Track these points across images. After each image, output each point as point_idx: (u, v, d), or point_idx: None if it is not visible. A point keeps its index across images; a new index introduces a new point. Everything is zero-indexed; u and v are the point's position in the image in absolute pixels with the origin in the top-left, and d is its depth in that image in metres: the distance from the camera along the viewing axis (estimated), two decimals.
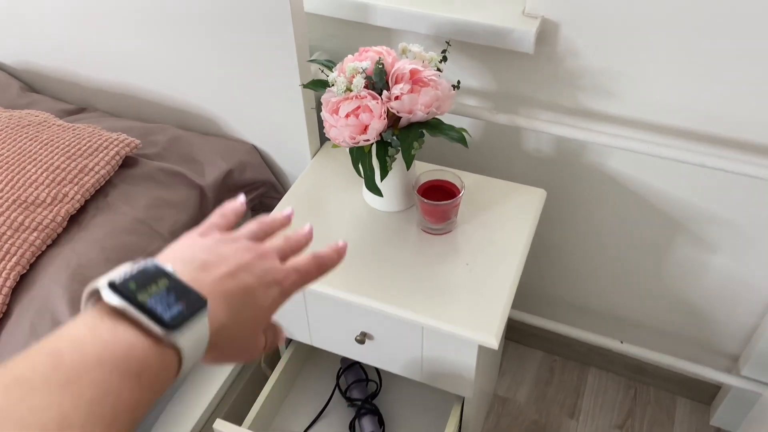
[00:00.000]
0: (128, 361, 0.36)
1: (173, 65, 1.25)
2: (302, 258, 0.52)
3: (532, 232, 1.09)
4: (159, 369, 0.37)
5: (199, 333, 0.39)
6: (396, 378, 1.30)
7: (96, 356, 0.35)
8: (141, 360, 0.36)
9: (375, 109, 0.94)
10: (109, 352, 0.35)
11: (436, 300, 0.98)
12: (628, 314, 1.47)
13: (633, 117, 1.15)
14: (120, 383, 0.34)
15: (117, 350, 0.36)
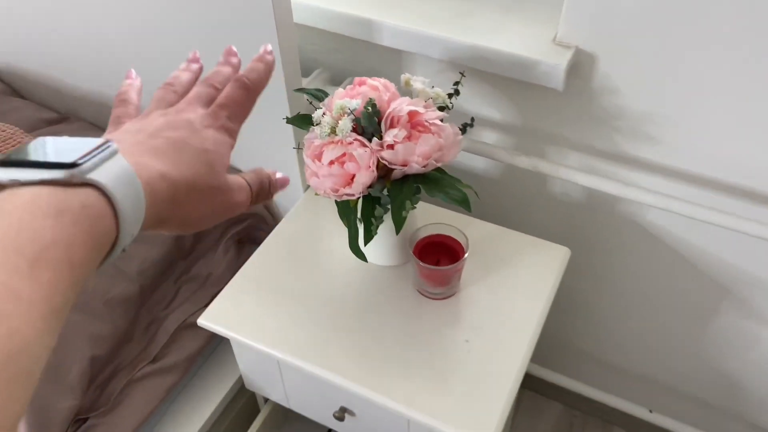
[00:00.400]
0: (37, 205, 0.31)
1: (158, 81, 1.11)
2: (226, 89, 0.48)
3: (548, 304, 0.92)
4: (81, 208, 0.32)
5: (116, 168, 0.34)
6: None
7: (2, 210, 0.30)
8: (52, 203, 0.31)
9: (362, 159, 0.79)
10: (16, 205, 0.31)
11: (426, 386, 0.83)
12: (660, 378, 1.29)
13: (678, 168, 0.96)
14: (33, 222, 0.30)
15: (23, 202, 0.31)
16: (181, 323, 1.06)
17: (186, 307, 1.08)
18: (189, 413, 1.07)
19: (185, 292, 1.10)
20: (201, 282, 1.11)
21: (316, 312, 0.91)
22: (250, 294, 0.93)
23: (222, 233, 1.15)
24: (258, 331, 0.89)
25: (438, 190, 0.80)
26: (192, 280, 1.11)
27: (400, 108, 0.80)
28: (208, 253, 1.13)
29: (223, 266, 1.13)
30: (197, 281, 1.11)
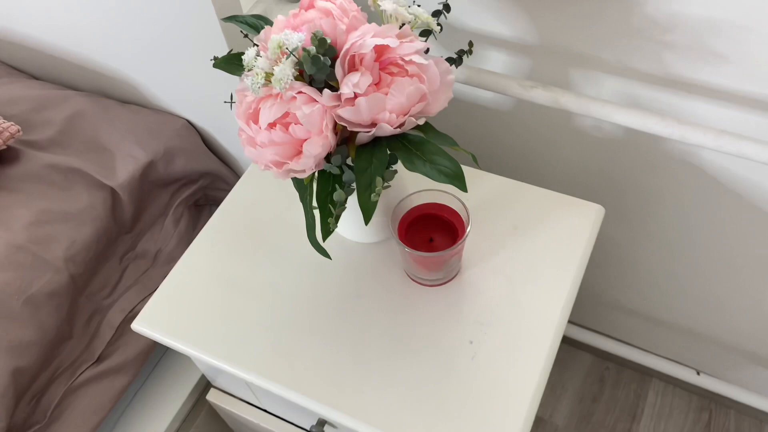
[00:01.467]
0: None
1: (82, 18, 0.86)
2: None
3: (576, 285, 0.71)
4: None
5: None
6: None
7: None
8: None
9: (310, 120, 0.56)
10: None
11: (418, 408, 0.64)
12: (711, 334, 1.09)
13: (749, 92, 0.71)
14: None
15: None
16: (127, 314, 0.88)
17: (133, 293, 0.89)
18: (146, 421, 0.91)
19: (131, 274, 0.91)
20: (151, 259, 0.92)
21: (282, 310, 0.71)
22: (199, 286, 0.74)
23: (170, 199, 0.93)
24: (207, 340, 0.70)
25: (420, 160, 0.57)
26: (140, 258, 0.92)
27: (362, 42, 0.56)
28: (155, 225, 0.93)
29: (175, 239, 0.93)
30: (146, 259, 0.92)
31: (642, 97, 0.78)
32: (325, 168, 0.58)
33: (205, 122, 0.93)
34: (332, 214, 0.56)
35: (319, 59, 0.55)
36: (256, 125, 0.59)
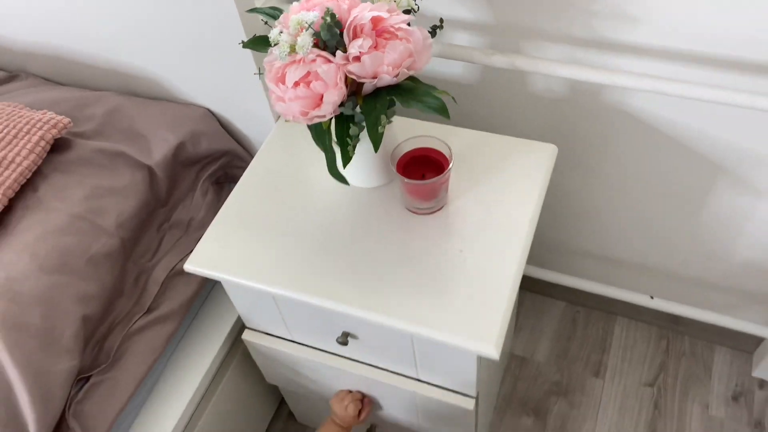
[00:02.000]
0: None
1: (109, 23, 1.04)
2: None
3: (540, 202, 0.89)
4: None
5: None
6: None
7: None
8: None
9: (328, 75, 0.74)
10: None
11: (425, 301, 0.81)
12: (658, 264, 1.29)
13: (663, 46, 0.92)
14: None
15: None
16: (169, 271, 1.03)
17: (172, 255, 1.05)
18: (193, 359, 1.07)
19: (169, 240, 1.07)
20: (183, 228, 1.08)
21: (306, 242, 0.88)
22: (234, 233, 0.90)
23: (197, 175, 1.10)
24: (248, 270, 0.87)
25: (413, 100, 0.75)
26: (174, 227, 1.08)
27: (362, 15, 0.74)
28: (186, 198, 1.09)
29: (204, 209, 1.09)
30: (180, 228, 1.08)
31: (579, 58, 0.98)
32: (342, 111, 0.76)
33: (222, 109, 1.10)
34: (350, 145, 0.74)
35: (333, 27, 0.73)
36: (283, 85, 0.76)
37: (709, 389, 1.35)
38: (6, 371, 0.86)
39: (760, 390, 1.34)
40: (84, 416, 0.92)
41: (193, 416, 1.06)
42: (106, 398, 0.95)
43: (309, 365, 1.03)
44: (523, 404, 1.37)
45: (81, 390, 0.94)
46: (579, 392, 1.37)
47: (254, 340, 1.03)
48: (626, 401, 1.35)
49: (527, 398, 1.37)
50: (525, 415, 1.35)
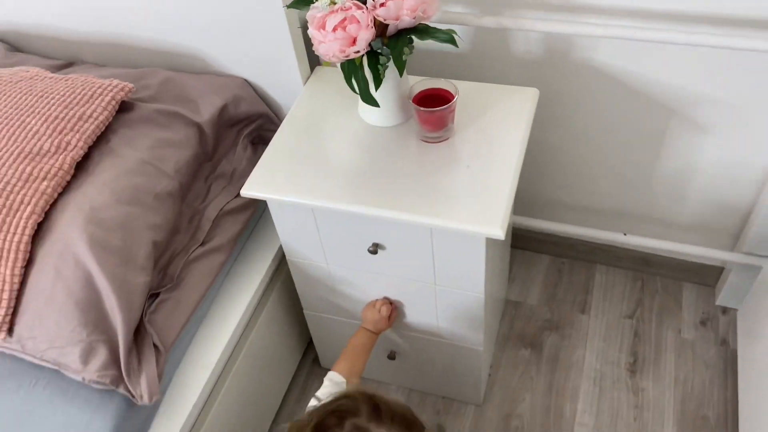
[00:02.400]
0: None
1: (156, 7, 1.24)
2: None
3: (528, 130, 1.11)
4: None
5: None
6: None
7: None
8: None
9: (362, 18, 0.95)
10: None
11: (441, 202, 1.01)
12: (629, 208, 1.50)
13: (617, 4, 1.15)
14: None
15: None
16: (219, 211, 1.22)
17: (220, 199, 1.24)
18: (241, 284, 1.24)
19: (216, 188, 1.25)
20: (228, 178, 1.27)
21: (340, 168, 1.08)
22: (280, 166, 1.10)
23: (237, 134, 1.30)
24: (292, 190, 1.06)
25: (428, 36, 0.97)
26: (220, 177, 1.27)
27: None
28: (228, 153, 1.29)
29: (244, 162, 1.28)
30: (224, 178, 1.27)
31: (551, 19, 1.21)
32: (373, 46, 0.97)
33: (257, 79, 1.31)
34: (381, 70, 0.95)
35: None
36: (324, 30, 0.97)
37: (680, 317, 1.55)
38: (95, 281, 1.03)
39: (723, 315, 1.55)
40: (156, 325, 1.09)
41: (243, 334, 1.23)
42: (172, 312, 1.12)
43: (344, 279, 1.21)
44: (520, 339, 1.55)
45: (153, 304, 1.10)
46: (568, 327, 1.56)
47: (298, 259, 1.21)
48: (610, 331, 1.54)
49: (523, 334, 1.56)
50: (523, 348, 1.54)
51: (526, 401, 1.45)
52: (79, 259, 1.02)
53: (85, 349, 1.02)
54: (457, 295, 1.15)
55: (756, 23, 1.09)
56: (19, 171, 1.06)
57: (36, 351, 1.05)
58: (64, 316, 1.02)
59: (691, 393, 1.42)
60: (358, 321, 1.32)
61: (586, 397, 1.44)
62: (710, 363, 1.47)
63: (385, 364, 1.42)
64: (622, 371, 1.47)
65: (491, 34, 1.27)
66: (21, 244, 1.03)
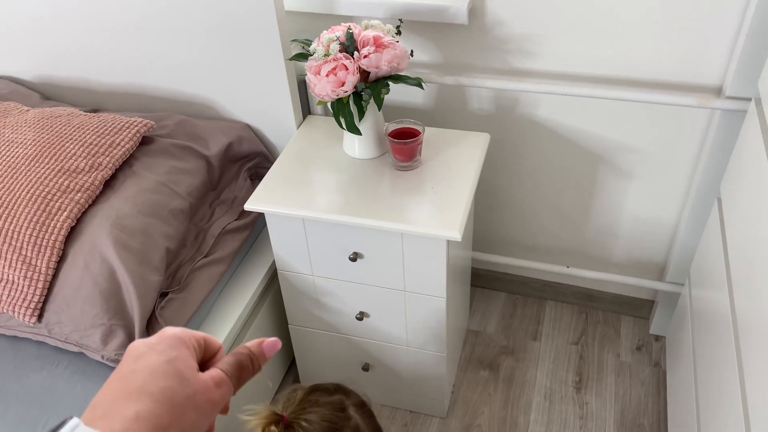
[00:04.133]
0: None
1: (175, 64, 1.51)
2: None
3: (481, 161, 1.36)
4: None
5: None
6: None
7: None
8: None
9: (350, 66, 1.22)
10: None
11: (410, 214, 1.24)
12: (570, 245, 1.75)
13: (553, 70, 1.45)
14: None
15: None
16: (221, 230, 1.43)
17: (223, 220, 1.45)
18: (238, 292, 1.43)
19: (219, 211, 1.47)
20: (229, 204, 1.49)
21: (327, 189, 1.31)
22: (277, 187, 1.33)
23: (239, 168, 1.53)
24: (287, 205, 1.28)
25: (401, 80, 1.24)
26: (223, 203, 1.48)
27: (368, 34, 1.24)
28: (231, 184, 1.51)
29: (244, 191, 1.51)
30: (227, 203, 1.49)
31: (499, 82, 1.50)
32: (357, 88, 1.23)
33: (257, 124, 1.55)
34: (363, 105, 1.21)
35: (353, 38, 1.22)
36: (319, 75, 1.24)
37: (619, 344, 1.76)
38: (117, 275, 1.21)
39: (656, 342, 1.76)
40: (165, 319, 1.27)
41: (238, 336, 1.41)
42: (179, 310, 1.30)
43: (327, 290, 1.41)
44: (480, 362, 1.74)
45: (163, 301, 1.29)
46: (522, 351, 1.76)
47: (287, 271, 1.41)
48: (558, 355, 1.74)
49: (483, 358, 1.75)
50: (482, 369, 1.72)
51: (485, 413, 1.62)
52: (105, 257, 1.22)
53: (105, 331, 1.19)
54: (423, 300, 1.35)
55: (654, 84, 1.39)
56: (58, 184, 1.27)
57: (61, 334, 1.21)
58: (90, 303, 1.19)
59: (628, 405, 1.62)
60: (336, 334, 1.51)
61: (537, 409, 1.62)
62: (645, 381, 1.67)
63: (360, 377, 1.59)
64: (569, 388, 1.66)
65: (451, 90, 1.55)
66: (56, 243, 1.22)
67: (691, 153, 1.47)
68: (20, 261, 1.21)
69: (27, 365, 1.22)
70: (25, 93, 1.64)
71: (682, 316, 1.58)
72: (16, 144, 1.34)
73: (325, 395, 1.05)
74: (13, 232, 1.22)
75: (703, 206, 1.49)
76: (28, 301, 1.21)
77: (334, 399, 1.06)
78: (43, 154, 1.31)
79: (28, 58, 1.64)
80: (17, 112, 1.46)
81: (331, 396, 1.07)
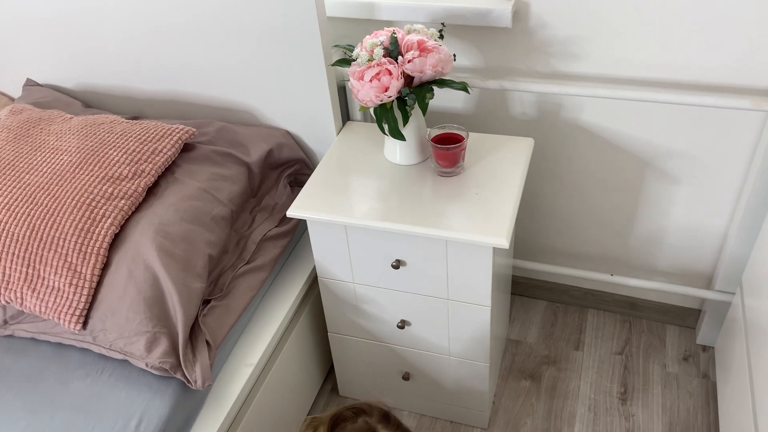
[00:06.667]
0: None
1: (215, 70, 1.51)
2: None
3: (526, 167, 1.34)
4: None
5: None
6: None
7: None
8: None
9: (394, 71, 1.20)
10: None
11: (455, 220, 1.21)
12: (614, 254, 1.71)
13: (598, 73, 1.41)
14: None
15: None
16: (263, 236, 1.42)
17: (264, 226, 1.44)
18: (279, 299, 1.43)
19: (260, 218, 1.46)
20: (270, 210, 1.48)
21: (369, 196, 1.29)
22: (319, 194, 1.31)
23: (279, 175, 1.52)
24: (329, 211, 1.27)
25: (446, 85, 1.22)
26: (263, 210, 1.48)
27: (411, 38, 1.23)
28: (271, 190, 1.50)
29: (284, 198, 1.50)
30: (267, 210, 1.48)
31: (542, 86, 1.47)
32: (402, 93, 1.21)
33: (297, 130, 1.55)
34: (408, 111, 1.19)
35: (397, 42, 1.21)
36: (362, 81, 1.22)
37: (665, 354, 1.71)
38: (161, 282, 1.21)
39: (703, 352, 1.71)
40: (208, 326, 1.26)
41: (279, 343, 1.40)
42: (221, 317, 1.29)
43: (368, 297, 1.39)
44: (521, 372, 1.70)
45: (205, 308, 1.28)
46: (564, 361, 1.72)
47: (328, 279, 1.40)
48: (602, 365, 1.70)
49: (524, 368, 1.71)
50: (523, 379, 1.69)
51: (528, 425, 1.59)
52: (149, 264, 1.21)
53: (150, 339, 1.19)
54: (467, 308, 1.33)
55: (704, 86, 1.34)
56: (102, 191, 1.27)
57: (105, 342, 1.21)
58: (134, 311, 1.19)
59: (677, 418, 1.57)
60: (377, 342, 1.49)
61: (582, 421, 1.58)
62: (693, 393, 1.62)
63: (400, 386, 1.57)
64: (615, 399, 1.62)
65: (494, 94, 1.53)
66: (101, 250, 1.22)
67: (742, 158, 1.42)
68: (65, 268, 1.21)
69: (72, 372, 1.22)
70: (66, 101, 1.66)
71: (733, 327, 1.53)
72: (61, 151, 1.35)
73: (349, 424, 1.01)
74: (58, 239, 1.23)
75: (756, 213, 1.44)
76: (73, 308, 1.21)
77: (359, 425, 1.02)
78: (87, 161, 1.32)
79: (69, 66, 1.66)
80: (61, 120, 1.47)
81: (355, 423, 1.02)
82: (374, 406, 1.02)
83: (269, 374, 1.36)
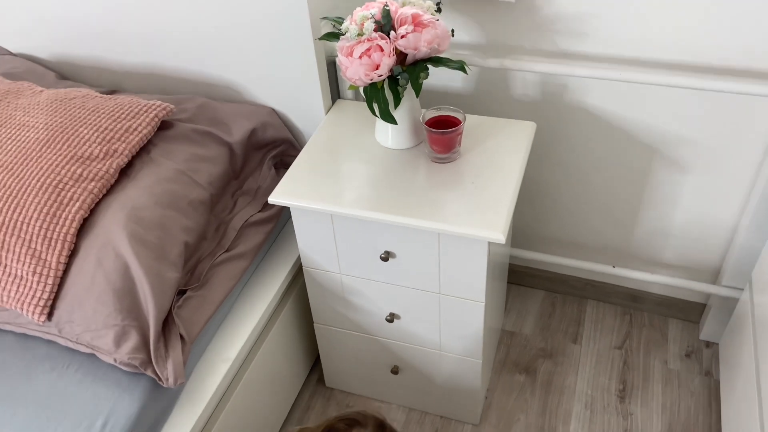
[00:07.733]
0: None
1: (196, 42, 1.40)
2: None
3: (527, 153, 1.24)
4: None
5: None
6: None
7: None
8: None
9: (385, 47, 1.10)
10: None
11: (448, 211, 1.13)
12: (617, 244, 1.62)
13: (607, 53, 1.31)
14: None
15: None
16: (244, 222, 1.33)
17: (245, 212, 1.35)
18: (261, 289, 1.34)
19: (242, 202, 1.37)
20: (252, 194, 1.39)
21: (357, 182, 1.20)
22: (304, 179, 1.22)
23: (263, 156, 1.43)
24: (314, 198, 1.18)
25: (442, 64, 1.12)
26: (245, 194, 1.39)
27: (406, 11, 1.13)
28: (254, 173, 1.41)
29: (268, 181, 1.41)
30: (249, 194, 1.39)
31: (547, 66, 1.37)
32: (393, 72, 1.11)
33: (284, 108, 1.45)
34: (400, 91, 1.10)
35: (389, 16, 1.11)
36: (351, 57, 1.12)
37: (667, 350, 1.64)
38: (132, 272, 1.13)
39: (707, 348, 1.64)
40: (183, 318, 1.18)
41: (259, 336, 1.32)
42: (197, 309, 1.21)
43: (355, 289, 1.31)
44: (515, 365, 1.63)
45: (180, 299, 1.20)
46: (561, 355, 1.65)
47: (313, 268, 1.31)
48: (600, 360, 1.63)
49: (518, 361, 1.64)
50: (518, 373, 1.62)
51: (521, 421, 1.52)
52: (119, 252, 1.13)
53: (119, 333, 1.11)
54: (460, 304, 1.25)
55: (719, 70, 1.25)
56: (71, 172, 1.18)
57: (72, 334, 1.14)
58: (102, 302, 1.11)
59: (677, 418, 1.50)
60: (364, 335, 1.41)
61: (578, 419, 1.51)
62: (695, 391, 1.55)
63: (388, 380, 1.50)
64: (612, 397, 1.55)
65: (495, 73, 1.43)
66: (68, 236, 1.14)
67: (757, 147, 1.33)
68: (29, 255, 1.13)
69: (37, 366, 1.15)
70: (40, 72, 1.56)
71: (740, 323, 1.45)
72: (27, 127, 1.26)
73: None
74: (21, 224, 1.14)
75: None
76: (37, 299, 1.13)
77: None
78: (55, 139, 1.23)
79: (44, 34, 1.55)
80: (30, 93, 1.38)
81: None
82: (368, 416, 0.94)
83: (248, 370, 1.29)
